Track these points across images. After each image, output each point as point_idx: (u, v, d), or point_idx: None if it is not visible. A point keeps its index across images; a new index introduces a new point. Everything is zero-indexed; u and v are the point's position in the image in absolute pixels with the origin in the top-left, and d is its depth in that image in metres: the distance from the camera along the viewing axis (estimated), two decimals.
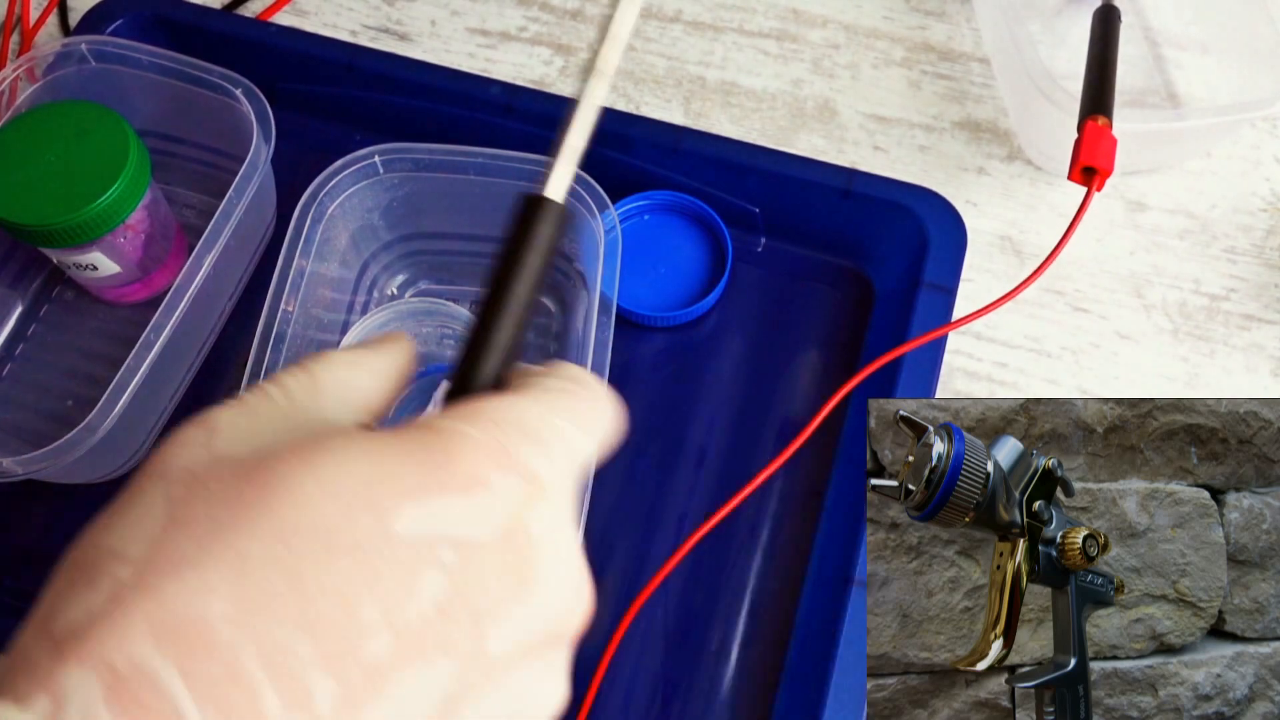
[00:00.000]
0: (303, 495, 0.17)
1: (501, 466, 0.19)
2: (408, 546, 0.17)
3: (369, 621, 0.16)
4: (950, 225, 0.40)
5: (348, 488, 0.17)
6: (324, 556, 0.16)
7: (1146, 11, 0.49)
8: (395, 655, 0.16)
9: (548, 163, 0.22)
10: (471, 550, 0.18)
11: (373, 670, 0.16)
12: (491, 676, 0.18)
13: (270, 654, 0.15)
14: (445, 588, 0.17)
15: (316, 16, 0.50)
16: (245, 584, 0.16)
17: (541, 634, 0.19)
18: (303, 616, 0.16)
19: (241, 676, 0.15)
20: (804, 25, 0.49)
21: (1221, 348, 0.42)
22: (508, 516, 0.18)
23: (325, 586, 0.16)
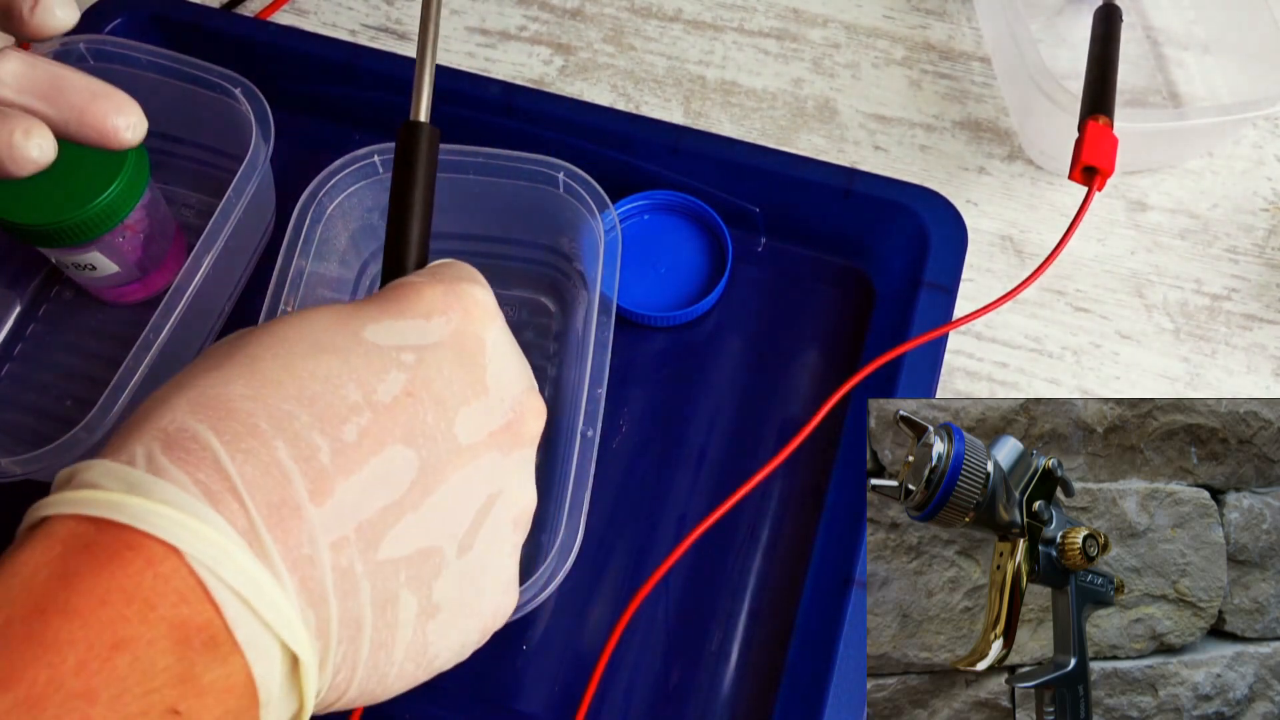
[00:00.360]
0: (295, 320, 0.23)
1: (449, 296, 0.24)
2: (377, 349, 0.22)
3: (352, 399, 0.21)
4: (951, 225, 0.40)
5: (329, 315, 0.23)
6: (313, 354, 0.22)
7: (1148, 11, 0.49)
8: (376, 424, 0.21)
9: (413, 91, 0.28)
10: (428, 351, 0.23)
11: (360, 435, 0.21)
12: (459, 456, 0.23)
13: (277, 419, 0.21)
14: (409, 377, 0.22)
15: (316, 16, 0.50)
16: (254, 375, 0.21)
17: (500, 425, 0.24)
18: (300, 394, 0.21)
19: (257, 432, 0.20)
20: (804, 25, 0.49)
21: (1223, 348, 0.42)
22: (457, 329, 0.24)
23: (315, 374, 0.21)
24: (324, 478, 0.20)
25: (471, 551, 0.23)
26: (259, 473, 0.20)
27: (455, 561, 0.23)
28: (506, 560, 0.25)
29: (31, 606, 0.18)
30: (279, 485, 0.20)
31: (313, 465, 0.20)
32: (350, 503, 0.21)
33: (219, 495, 0.19)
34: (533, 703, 0.36)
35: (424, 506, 0.22)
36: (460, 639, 0.24)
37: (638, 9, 0.50)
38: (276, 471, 0.20)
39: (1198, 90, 0.47)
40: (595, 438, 0.33)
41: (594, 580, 0.37)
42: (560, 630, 0.37)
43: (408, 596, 0.22)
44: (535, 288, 0.42)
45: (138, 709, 0.17)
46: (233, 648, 0.19)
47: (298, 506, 0.20)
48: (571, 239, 0.39)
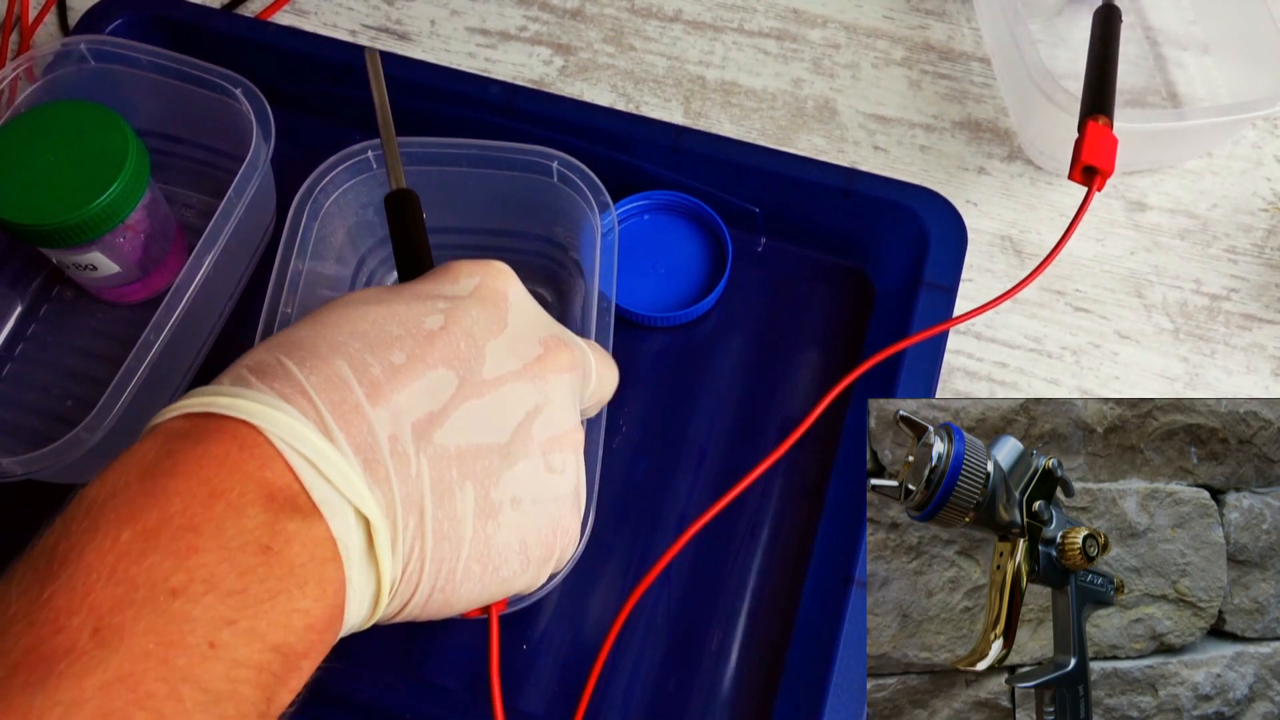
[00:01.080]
0: (347, 295, 0.27)
1: (473, 264, 0.29)
2: (416, 298, 0.27)
3: (396, 333, 0.26)
4: (950, 225, 0.40)
5: (373, 290, 0.28)
6: (362, 305, 0.26)
7: (1147, 11, 0.49)
8: (418, 349, 0.26)
9: (388, 166, 0.33)
10: (458, 300, 0.27)
11: (406, 357, 0.25)
12: (491, 378, 0.26)
13: (335, 346, 0.25)
14: (444, 317, 0.27)
15: (316, 16, 0.50)
16: (315, 322, 0.26)
17: (528, 360, 0.27)
18: (354, 330, 0.25)
19: (319, 354, 0.25)
20: (804, 25, 0.49)
21: (1222, 348, 0.42)
22: (481, 284, 0.28)
23: (365, 317, 0.26)
24: (377, 386, 0.24)
25: (521, 460, 0.26)
26: (323, 381, 0.24)
27: (504, 466, 0.26)
28: (560, 477, 0.28)
29: (143, 472, 0.22)
30: (340, 389, 0.24)
31: (368, 376, 0.24)
32: (402, 406, 0.24)
33: (292, 396, 0.23)
34: (533, 701, 0.36)
35: (465, 411, 0.25)
36: (522, 551, 0.27)
37: (638, 9, 0.50)
38: (338, 380, 0.24)
39: (1197, 91, 0.47)
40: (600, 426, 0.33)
41: (594, 580, 0.37)
42: (560, 629, 0.37)
43: (464, 491, 0.25)
44: (532, 278, 0.42)
45: (237, 543, 0.21)
46: (311, 507, 0.22)
47: (357, 404, 0.24)
48: (567, 228, 0.39)
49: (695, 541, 0.38)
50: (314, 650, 0.22)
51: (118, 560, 0.20)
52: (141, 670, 0.19)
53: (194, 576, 0.20)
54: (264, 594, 0.21)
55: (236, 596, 0.21)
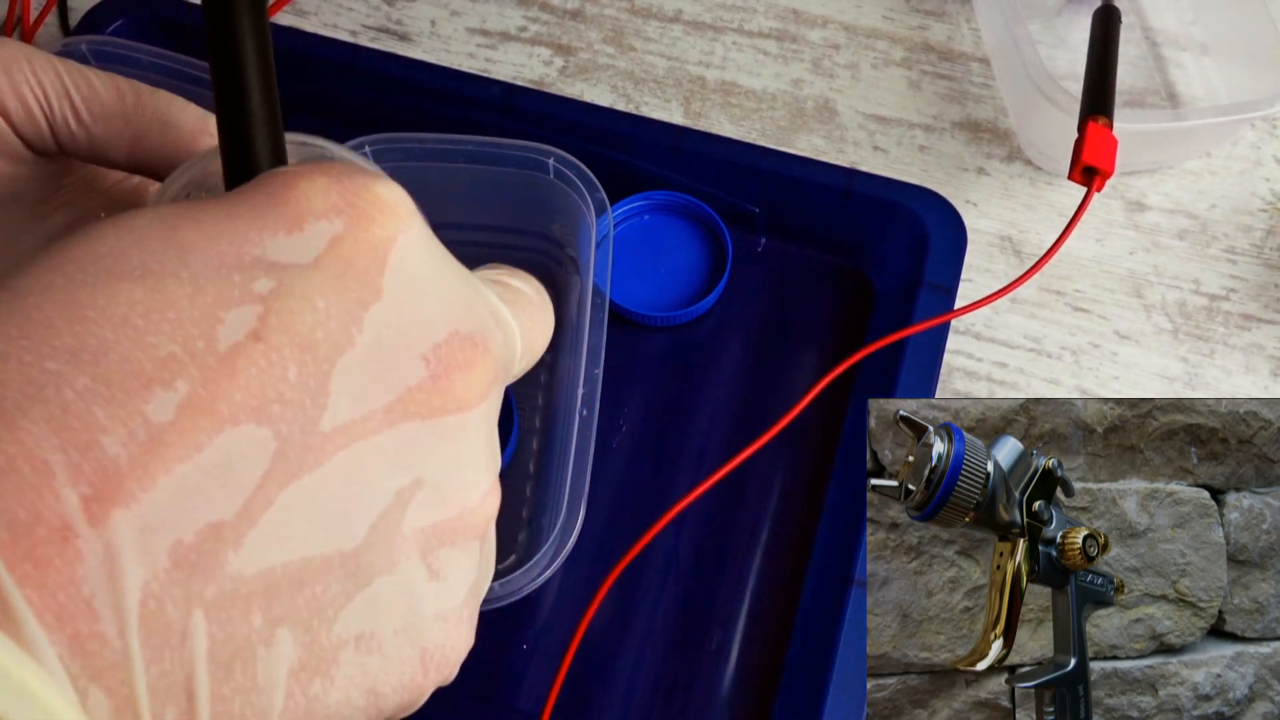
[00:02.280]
0: (95, 233, 0.15)
1: (334, 192, 0.16)
2: (213, 271, 0.15)
3: (164, 351, 0.14)
4: (950, 225, 0.40)
5: (147, 222, 0.15)
6: (108, 281, 0.14)
7: (1146, 12, 0.49)
8: (205, 390, 0.14)
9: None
10: (293, 274, 0.15)
11: (178, 408, 0.14)
12: (343, 431, 0.15)
13: (35, 386, 0.13)
14: (261, 313, 0.15)
15: (317, 17, 0.50)
16: (10, 317, 0.14)
17: (414, 383, 0.16)
18: (81, 346, 0.13)
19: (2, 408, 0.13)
20: (804, 25, 0.49)
21: (1221, 348, 0.42)
22: (342, 240, 0.16)
23: (109, 312, 0.14)
24: (113, 476, 0.13)
25: (381, 574, 0.16)
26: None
27: (349, 589, 0.15)
28: (445, 585, 0.17)
29: None
30: (28, 495, 0.12)
31: (93, 461, 0.13)
32: (160, 513, 0.13)
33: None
34: (532, 700, 0.36)
35: (285, 503, 0.14)
36: (373, 702, 0.16)
37: (638, 10, 0.50)
38: (29, 472, 0.13)
39: (1196, 91, 0.47)
40: (593, 418, 0.33)
41: (594, 579, 0.37)
42: (560, 629, 0.37)
43: (273, 646, 0.15)
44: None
45: None
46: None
47: (63, 527, 0.13)
48: (563, 225, 0.39)
49: (695, 541, 0.38)
50: None
51: None
52: None
53: None
54: None
55: None
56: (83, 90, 0.22)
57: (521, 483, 0.38)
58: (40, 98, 0.22)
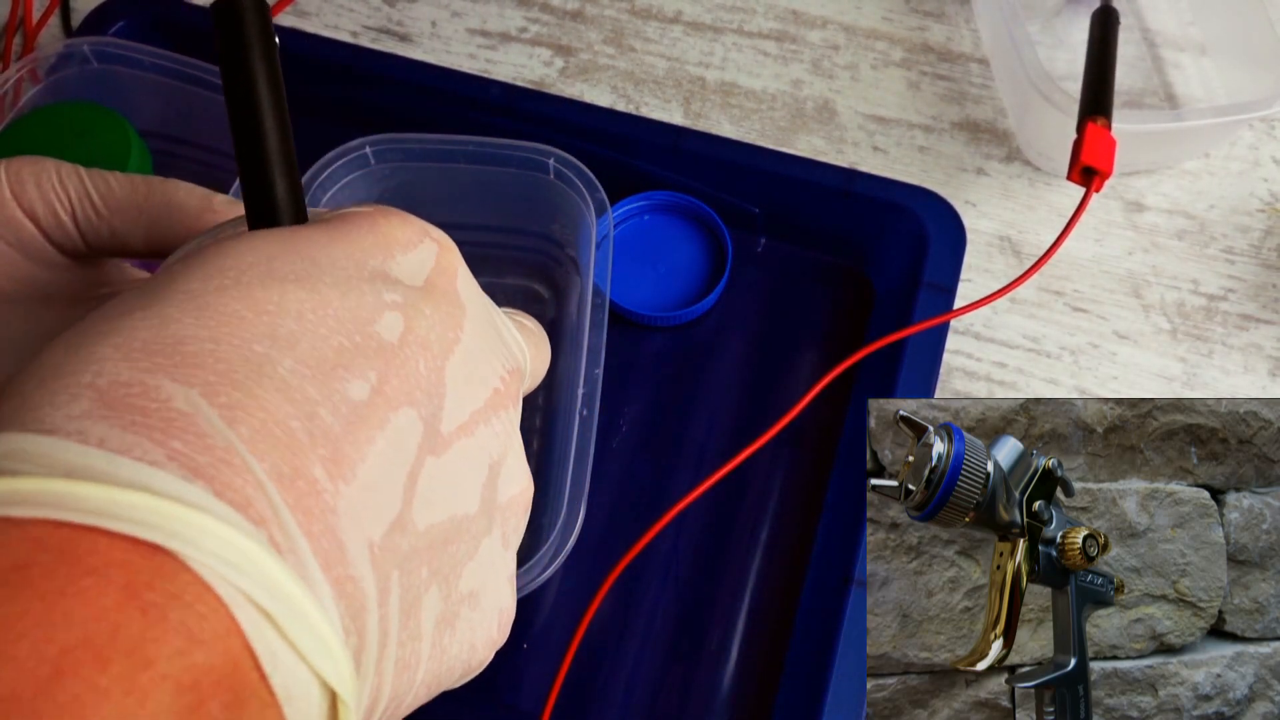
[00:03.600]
0: (225, 249, 0.16)
1: (412, 225, 0.19)
2: (348, 279, 0.16)
3: (337, 342, 0.16)
4: (949, 225, 0.40)
5: (267, 241, 0.16)
6: (273, 283, 0.15)
7: (1145, 12, 0.49)
8: (381, 375, 0.16)
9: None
10: (410, 290, 0.17)
11: (367, 391, 0.15)
12: (452, 414, 0.17)
13: (255, 364, 0.14)
14: (401, 320, 0.17)
15: (318, 18, 0.51)
16: (202, 309, 0.15)
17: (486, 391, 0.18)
18: (274, 332, 0.15)
19: (234, 380, 0.14)
20: (804, 26, 0.50)
21: (1219, 348, 0.42)
22: (434, 263, 0.19)
23: (284, 308, 0.15)
24: (336, 445, 0.14)
25: (484, 537, 0.18)
26: (256, 435, 0.14)
27: (469, 549, 0.17)
28: (511, 552, 0.20)
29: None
30: (289, 455, 0.14)
31: (319, 427, 0.14)
32: (372, 479, 0.15)
33: (211, 469, 0.13)
34: (532, 700, 0.36)
35: (433, 473, 0.16)
36: (468, 657, 0.19)
37: (638, 10, 0.50)
38: (282, 435, 0.14)
39: (1195, 92, 0.47)
40: (593, 418, 0.33)
41: (594, 579, 0.37)
42: (560, 629, 0.37)
43: (430, 595, 0.16)
44: (528, 275, 0.42)
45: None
46: (265, 702, 0.13)
47: (315, 482, 0.14)
48: (563, 225, 0.39)
49: (695, 541, 0.38)
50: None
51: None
52: None
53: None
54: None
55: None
56: (100, 188, 0.24)
57: None
58: (65, 201, 0.23)
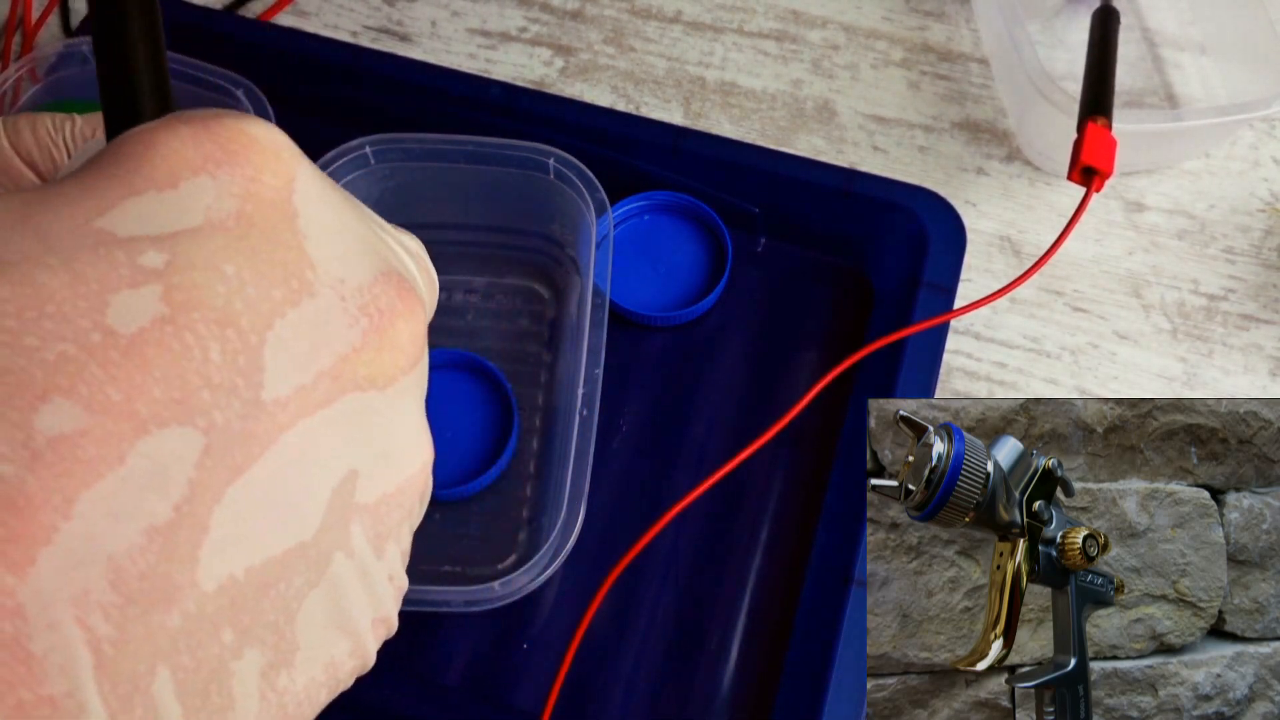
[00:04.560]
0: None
1: (204, 142, 0.14)
2: (90, 247, 0.12)
3: (55, 351, 0.11)
4: (949, 225, 0.40)
5: (10, 206, 0.13)
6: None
7: (1145, 12, 0.49)
8: (104, 390, 0.12)
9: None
10: (186, 240, 0.13)
11: (75, 419, 0.11)
12: (282, 411, 0.13)
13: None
14: (162, 291, 0.12)
15: (317, 17, 0.51)
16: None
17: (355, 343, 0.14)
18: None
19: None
20: (804, 26, 0.50)
21: (1220, 348, 0.42)
22: (234, 194, 0.13)
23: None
24: (23, 515, 0.11)
25: (336, 556, 0.14)
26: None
27: (308, 577, 0.14)
28: (394, 552, 0.16)
29: None
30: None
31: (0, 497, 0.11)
32: (87, 542, 0.11)
33: None
34: (532, 700, 0.36)
35: (231, 506, 0.13)
36: (332, 674, 0.15)
37: (638, 10, 0.50)
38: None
39: (1195, 92, 0.47)
40: (593, 418, 0.33)
41: (594, 579, 0.37)
42: (560, 629, 0.37)
43: (244, 655, 0.13)
44: (528, 275, 0.42)
45: None
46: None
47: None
48: (563, 225, 0.39)
49: (695, 541, 0.38)
50: None
51: None
52: None
53: None
54: None
55: None
56: (92, 131, 0.25)
57: (521, 483, 0.38)
58: (60, 146, 0.25)
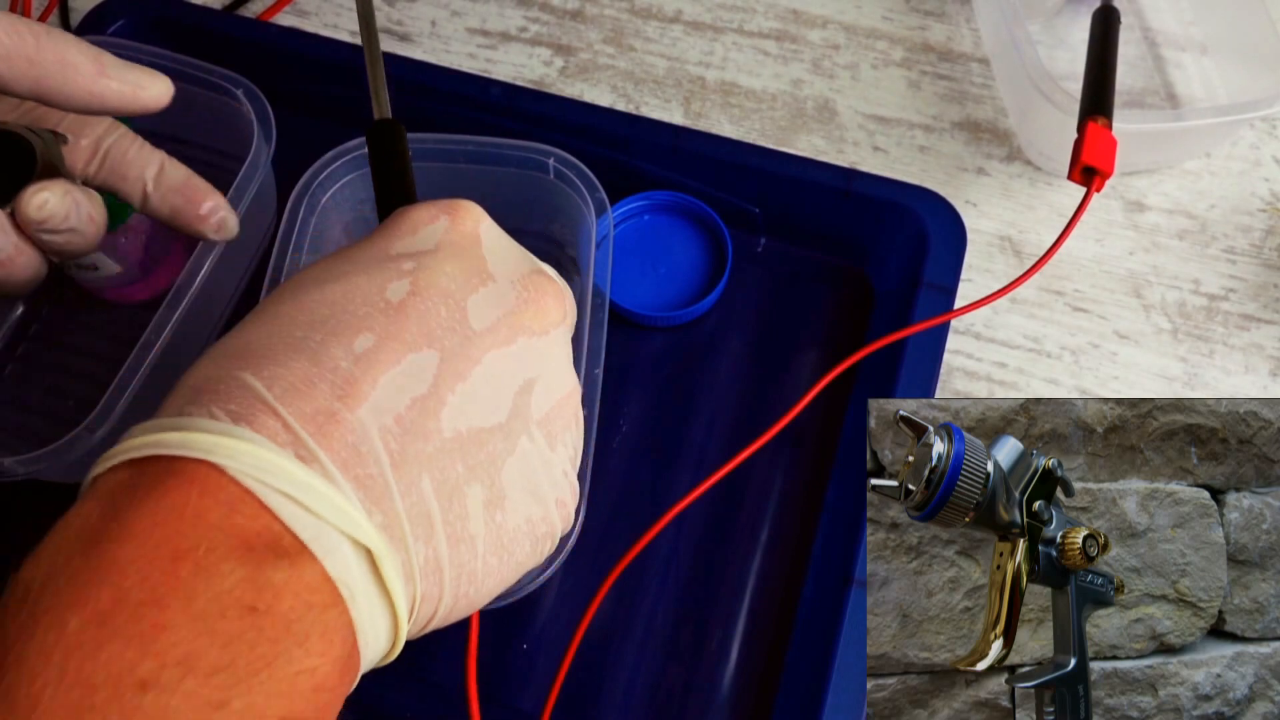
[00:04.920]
0: (300, 271, 0.25)
1: (434, 208, 0.26)
2: (376, 264, 0.24)
3: (360, 312, 0.23)
4: (950, 225, 0.40)
5: (328, 257, 0.25)
6: (316, 286, 0.23)
7: (1145, 12, 0.49)
8: (388, 327, 0.22)
9: (372, 93, 0.31)
10: (425, 256, 0.24)
11: (377, 339, 0.22)
12: (481, 341, 0.24)
13: (292, 344, 0.22)
14: (411, 281, 0.23)
15: (317, 17, 0.51)
16: (265, 319, 0.23)
17: (514, 306, 0.25)
18: (311, 320, 0.22)
19: (275, 358, 0.21)
20: (804, 25, 0.50)
21: (1220, 348, 0.42)
22: (448, 230, 0.25)
23: (322, 301, 0.23)
24: (351, 382, 0.21)
25: (521, 437, 0.24)
26: (287, 390, 0.21)
27: (506, 449, 0.23)
28: (562, 448, 0.25)
29: (85, 542, 0.18)
30: (309, 396, 0.21)
31: (337, 374, 0.21)
32: (383, 401, 0.21)
33: (254, 416, 0.20)
34: (532, 700, 0.36)
35: (457, 393, 0.23)
36: (530, 529, 0.24)
37: (638, 10, 0.50)
38: (304, 385, 0.21)
39: (1195, 91, 0.47)
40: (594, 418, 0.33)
41: (594, 579, 0.37)
42: (560, 629, 0.37)
43: (471, 484, 0.22)
44: None
45: (214, 610, 0.18)
46: (299, 548, 0.19)
47: (332, 412, 0.21)
48: (564, 225, 0.39)
49: (695, 541, 0.38)
50: (328, 708, 0.19)
51: (67, 657, 0.16)
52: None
53: (165, 660, 0.17)
54: (257, 663, 0.18)
55: (223, 673, 0.17)
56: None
57: None
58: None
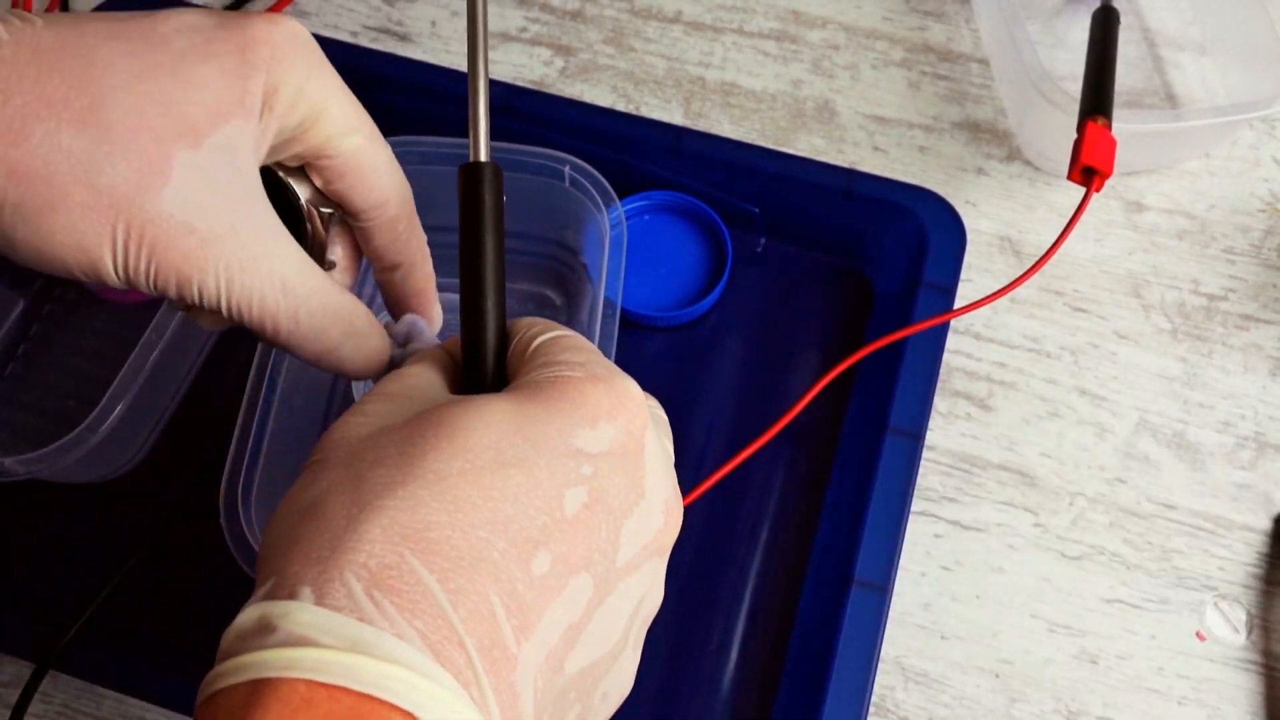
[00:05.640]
0: (467, 427, 0.21)
1: (612, 396, 0.22)
2: (558, 460, 0.21)
3: (540, 522, 0.20)
4: (949, 225, 0.40)
5: (501, 416, 0.21)
6: (499, 468, 0.20)
7: (1145, 12, 0.49)
8: (563, 549, 0.20)
9: (470, 132, 0.25)
10: (601, 461, 0.21)
11: (551, 564, 0.20)
12: (624, 570, 0.21)
13: (477, 549, 0.19)
14: (588, 490, 0.21)
15: (317, 17, 0.51)
16: (446, 496, 0.19)
17: (655, 534, 0.22)
18: (494, 518, 0.20)
19: (461, 566, 0.19)
20: (804, 26, 0.50)
21: (1220, 347, 0.42)
22: (623, 433, 0.22)
23: (505, 493, 0.20)
24: (525, 612, 0.19)
25: (623, 654, 0.23)
26: (470, 614, 0.19)
27: (610, 669, 0.22)
28: (639, 651, 0.24)
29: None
30: (490, 627, 0.19)
31: (515, 600, 0.19)
32: (545, 633, 0.20)
33: (440, 646, 0.18)
34: None
35: (594, 623, 0.21)
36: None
37: (638, 10, 0.50)
38: (485, 610, 0.19)
39: (1195, 92, 0.47)
40: None
41: None
42: None
43: (572, 710, 0.21)
44: (540, 281, 0.42)
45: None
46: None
47: (506, 647, 0.19)
48: (576, 233, 0.39)
49: (695, 541, 0.38)
50: None
51: None
52: None
53: None
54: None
55: None
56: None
57: None
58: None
